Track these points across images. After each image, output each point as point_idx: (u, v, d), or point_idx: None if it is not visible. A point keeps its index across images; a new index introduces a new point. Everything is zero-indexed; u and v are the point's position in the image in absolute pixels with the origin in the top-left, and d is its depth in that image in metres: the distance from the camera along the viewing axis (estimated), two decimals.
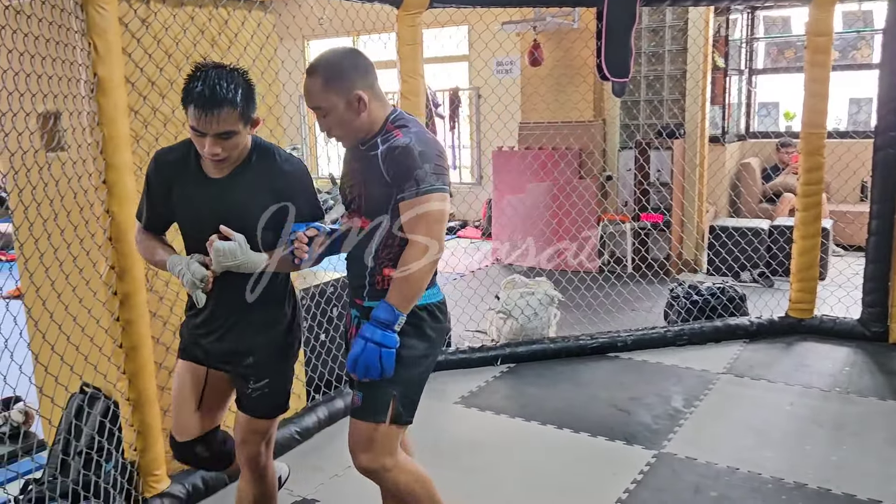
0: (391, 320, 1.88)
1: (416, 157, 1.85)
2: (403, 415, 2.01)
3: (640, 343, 4.37)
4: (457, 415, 3.63)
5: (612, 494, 2.78)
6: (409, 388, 2.01)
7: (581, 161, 6.27)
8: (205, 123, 1.84)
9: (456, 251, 5.74)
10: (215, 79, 1.85)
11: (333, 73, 1.93)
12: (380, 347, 1.87)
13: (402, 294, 1.89)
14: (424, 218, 1.86)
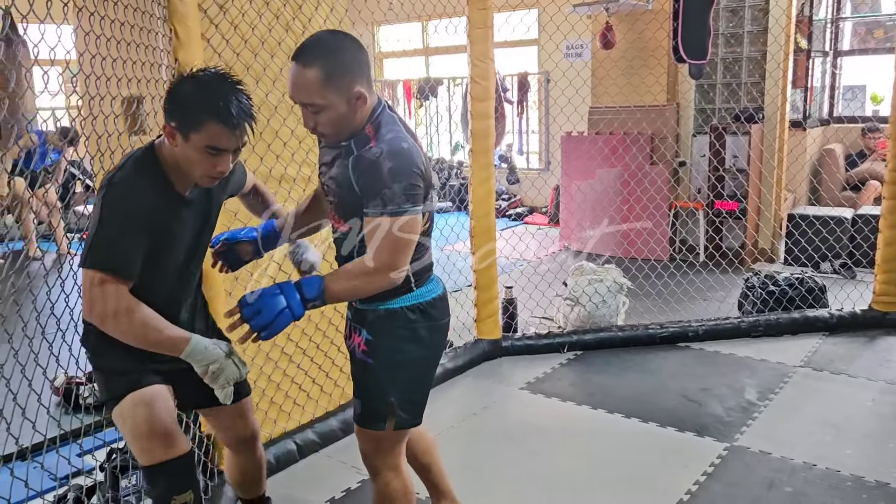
0: (311, 297, 1.72)
1: (385, 175, 1.69)
2: (407, 419, 1.94)
3: (712, 333, 4.25)
4: (522, 400, 3.62)
5: (681, 486, 2.72)
6: (409, 392, 1.94)
7: (653, 146, 6.12)
8: (232, 139, 1.71)
9: (524, 237, 5.71)
10: (231, 88, 1.72)
11: (336, 68, 1.72)
12: (286, 309, 1.70)
13: (336, 287, 1.76)
14: (385, 240, 1.71)
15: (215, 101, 1.67)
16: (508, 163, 8.85)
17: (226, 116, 1.67)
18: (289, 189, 3.01)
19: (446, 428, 3.30)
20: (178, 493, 1.85)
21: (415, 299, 1.89)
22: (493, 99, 3.98)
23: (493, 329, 4.14)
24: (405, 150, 1.73)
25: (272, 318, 1.68)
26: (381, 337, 1.89)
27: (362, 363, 1.93)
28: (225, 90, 1.71)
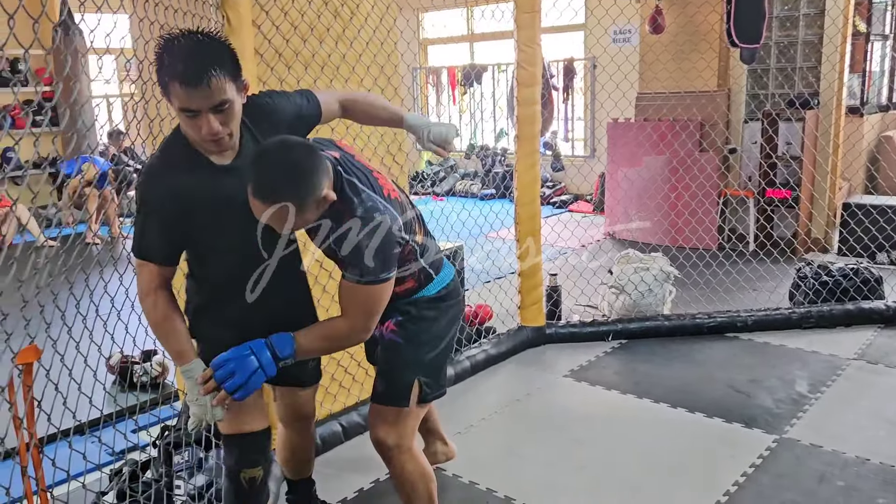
0: (284, 356, 1.78)
1: (365, 254, 1.72)
2: (430, 393, 2.05)
3: (761, 324, 4.17)
4: (566, 387, 3.60)
5: (728, 477, 2.68)
6: (433, 369, 2.05)
7: (703, 133, 6.00)
8: (198, 99, 1.60)
9: (569, 224, 5.66)
10: (193, 47, 1.62)
11: (305, 195, 1.64)
12: (258, 369, 1.75)
13: (308, 345, 1.82)
14: (361, 306, 1.80)
15: (174, 63, 1.59)
16: (553, 150, 8.78)
17: (183, 75, 1.58)
18: None
19: (489, 413, 3.31)
20: (248, 468, 1.92)
21: (438, 286, 2.03)
22: (540, 85, 3.95)
23: (536, 316, 4.13)
24: (378, 220, 1.73)
25: (245, 379, 1.73)
26: (411, 318, 2.02)
27: (391, 343, 2.03)
28: (183, 49, 1.61)
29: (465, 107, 9.88)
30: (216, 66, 1.60)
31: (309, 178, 1.64)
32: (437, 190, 9.40)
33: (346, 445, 3.02)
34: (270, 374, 1.76)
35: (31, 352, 1.49)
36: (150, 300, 1.77)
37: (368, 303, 1.79)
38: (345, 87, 3.02)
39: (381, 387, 2.06)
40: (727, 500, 2.55)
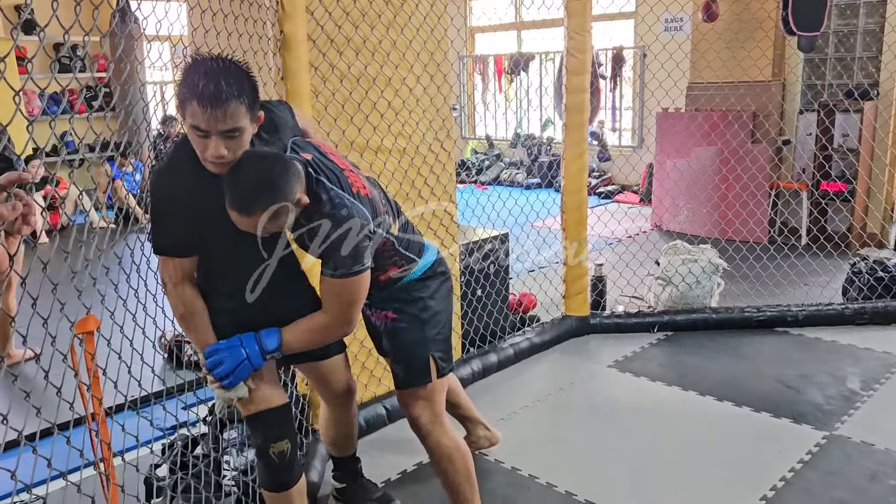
0: (270, 349, 1.89)
1: (333, 245, 1.80)
2: (445, 367, 2.17)
3: (813, 319, 4.07)
4: (610, 378, 3.58)
5: (775, 472, 2.64)
6: (440, 343, 2.16)
7: (756, 124, 5.86)
8: (211, 121, 1.63)
9: (616, 214, 5.60)
10: (217, 71, 1.65)
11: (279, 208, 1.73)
12: (245, 360, 1.87)
13: (293, 339, 1.92)
14: (337, 299, 1.87)
15: (196, 82, 1.63)
16: (600, 140, 8.68)
17: (202, 95, 1.62)
18: (384, 160, 3.07)
19: (532, 401, 3.32)
20: (275, 442, 1.99)
21: (421, 269, 2.12)
22: (589, 73, 3.91)
23: (581, 306, 4.11)
24: (345, 217, 1.80)
25: (231, 368, 1.85)
26: (406, 303, 2.13)
27: (395, 330, 2.15)
28: (209, 71, 1.64)
29: (511, 95, 9.83)
30: (236, 93, 1.64)
31: (279, 187, 1.72)
32: (481, 179, 9.39)
33: (391, 427, 3.06)
34: (257, 364, 1.88)
35: (89, 321, 1.54)
36: (174, 295, 1.89)
37: (344, 295, 1.87)
38: (394, 73, 3.04)
39: (400, 372, 2.17)
40: (774, 495, 2.51)
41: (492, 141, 9.96)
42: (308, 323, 1.93)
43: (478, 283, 3.76)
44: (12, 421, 1.15)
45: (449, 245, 3.42)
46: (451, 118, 3.40)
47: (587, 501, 2.52)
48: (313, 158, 1.88)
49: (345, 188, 1.85)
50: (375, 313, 2.19)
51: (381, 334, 2.21)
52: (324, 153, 1.94)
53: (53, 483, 1.41)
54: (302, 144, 1.95)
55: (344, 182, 1.87)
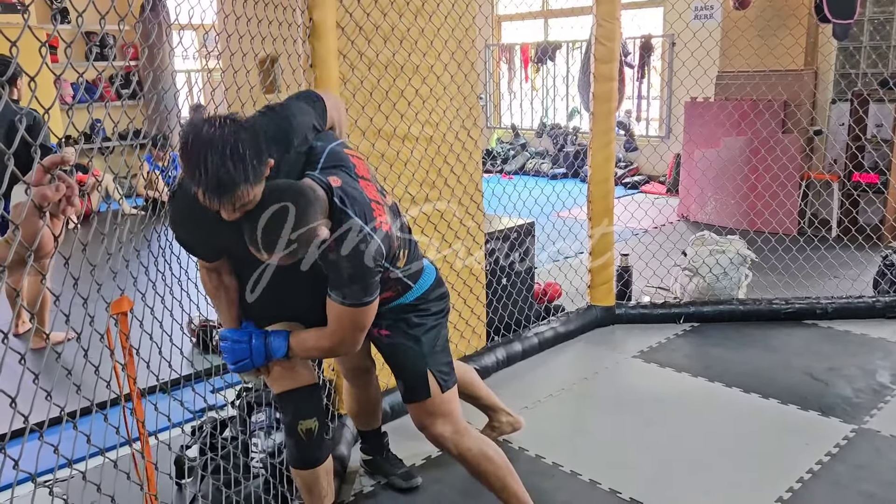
0: (277, 350, 1.95)
1: (345, 278, 1.82)
2: (447, 381, 2.14)
3: (842, 312, 4.02)
4: (635, 368, 3.57)
5: (802, 464, 2.62)
6: (438, 355, 2.14)
7: (787, 113, 5.77)
8: (221, 207, 1.64)
9: (642, 204, 5.56)
10: (219, 152, 1.56)
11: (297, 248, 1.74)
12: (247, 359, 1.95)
13: (299, 350, 1.97)
14: (344, 324, 1.89)
15: (198, 167, 1.58)
16: (627, 129, 8.61)
17: (205, 185, 1.60)
18: (411, 148, 3.08)
19: (557, 390, 3.32)
20: (304, 419, 2.05)
21: (416, 293, 2.11)
22: (617, 61, 3.88)
23: (606, 296, 4.10)
24: (362, 252, 1.80)
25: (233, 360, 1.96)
26: (398, 322, 2.12)
27: (390, 346, 2.15)
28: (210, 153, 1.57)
29: (537, 85, 9.77)
30: (242, 176, 1.59)
31: (297, 230, 1.71)
32: (506, 168, 9.36)
33: None
34: (258, 363, 1.95)
35: (123, 302, 1.57)
36: (203, 273, 2.03)
37: (352, 322, 1.89)
38: (422, 60, 3.04)
39: (401, 387, 2.18)
40: (800, 487, 2.50)
41: (517, 130, 9.92)
42: (314, 339, 1.96)
43: (503, 272, 3.76)
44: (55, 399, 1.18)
45: (475, 233, 3.43)
46: (478, 106, 3.40)
47: (611, 490, 2.52)
48: (343, 185, 1.82)
49: (369, 220, 1.82)
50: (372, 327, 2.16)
51: (376, 344, 2.23)
52: (354, 175, 1.89)
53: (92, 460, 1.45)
54: (333, 161, 1.88)
55: (369, 215, 1.83)
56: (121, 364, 1.50)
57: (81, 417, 1.49)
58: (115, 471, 1.52)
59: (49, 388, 1.10)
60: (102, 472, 1.50)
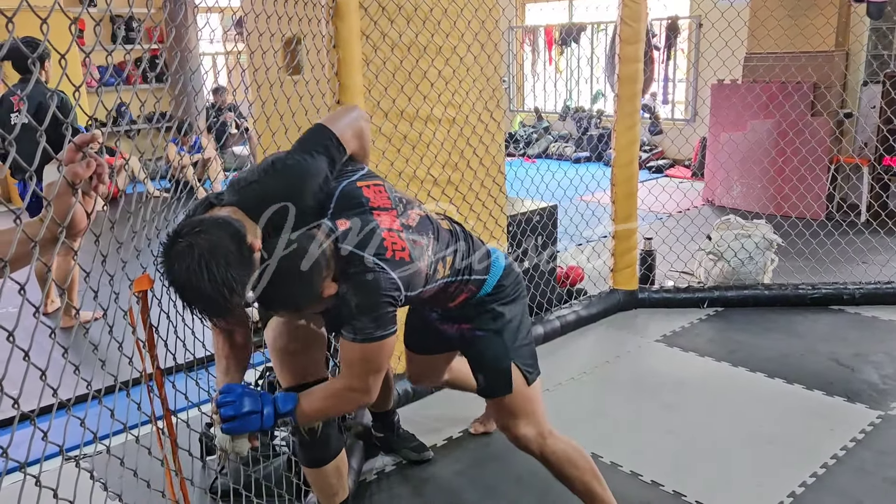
0: (284, 412, 1.73)
1: (353, 310, 1.68)
2: (530, 375, 2.04)
3: (870, 298, 3.96)
4: (657, 352, 3.55)
5: (827, 450, 2.60)
6: (522, 349, 2.04)
7: (816, 95, 5.66)
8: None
9: (667, 187, 5.50)
10: (199, 289, 1.44)
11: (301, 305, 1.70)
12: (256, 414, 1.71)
13: (308, 406, 1.75)
14: (356, 364, 1.72)
15: (184, 301, 1.51)
16: (652, 112, 8.51)
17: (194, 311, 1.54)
18: (434, 130, 3.07)
19: (578, 373, 3.32)
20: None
21: (490, 284, 2.01)
22: (643, 42, 3.83)
23: (629, 280, 4.07)
24: (369, 283, 1.66)
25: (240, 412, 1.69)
26: (480, 315, 2.03)
27: (472, 339, 2.06)
28: (191, 299, 1.49)
29: (561, 67, 9.68)
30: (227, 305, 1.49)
31: (297, 295, 1.65)
32: (529, 152, 9.31)
33: (435, 396, 3.10)
34: (267, 424, 1.72)
35: (144, 280, 1.58)
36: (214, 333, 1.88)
37: (364, 361, 1.72)
38: (445, 42, 3.02)
39: (482, 381, 2.08)
40: (824, 472, 2.47)
41: (540, 113, 9.85)
42: (325, 390, 1.79)
43: (525, 256, 3.75)
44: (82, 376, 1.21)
45: (497, 216, 3.42)
46: (501, 87, 3.38)
47: (632, 472, 2.52)
48: (350, 227, 1.70)
49: (378, 253, 1.68)
50: (448, 325, 2.13)
51: (457, 342, 2.15)
52: (369, 209, 1.75)
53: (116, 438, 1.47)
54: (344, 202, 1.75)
55: (379, 247, 1.69)
56: (142, 341, 1.52)
57: (107, 395, 1.51)
58: (137, 447, 1.55)
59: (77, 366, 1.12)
60: (125, 449, 1.53)
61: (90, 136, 0.98)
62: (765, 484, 2.43)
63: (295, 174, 1.68)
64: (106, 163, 1.00)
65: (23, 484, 1.04)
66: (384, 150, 2.92)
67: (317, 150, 1.73)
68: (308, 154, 1.71)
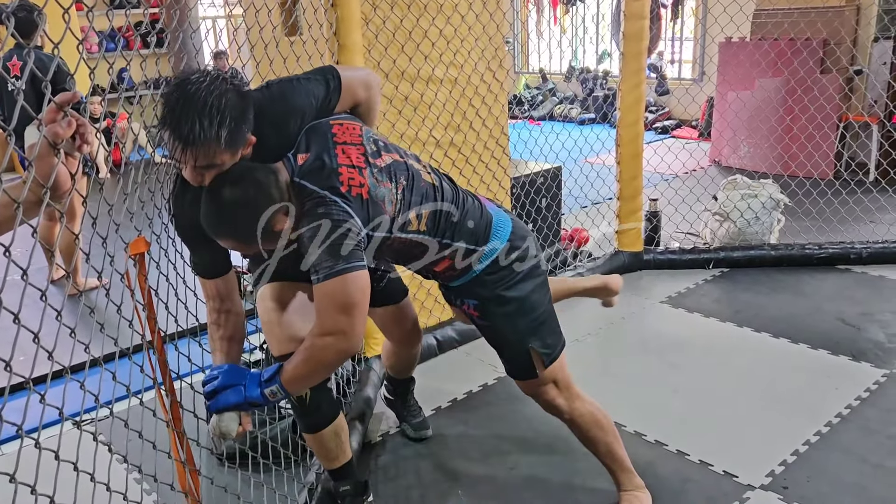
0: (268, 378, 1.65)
1: (310, 248, 1.58)
2: (553, 352, 1.96)
3: (877, 257, 3.93)
4: (663, 313, 3.55)
5: (831, 408, 2.60)
6: (538, 329, 1.94)
7: (826, 52, 5.56)
8: (184, 157, 1.50)
9: (674, 148, 5.43)
10: (197, 103, 1.47)
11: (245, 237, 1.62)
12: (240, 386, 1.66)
13: (292, 370, 1.64)
14: (327, 306, 1.58)
15: (173, 111, 1.48)
16: (659, 72, 8.39)
17: (173, 130, 1.48)
18: (436, 90, 3.03)
19: (583, 335, 3.32)
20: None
21: (488, 257, 1.88)
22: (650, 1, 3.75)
23: (634, 241, 4.05)
24: (320, 215, 1.59)
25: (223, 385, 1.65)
26: (484, 299, 1.92)
27: (484, 327, 1.98)
28: (188, 103, 1.47)
29: (566, 27, 9.53)
30: (214, 133, 1.47)
31: (246, 219, 1.58)
32: (534, 114, 9.21)
33: (441, 357, 3.11)
34: (251, 394, 1.64)
35: (140, 243, 1.56)
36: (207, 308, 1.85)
37: (330, 300, 1.58)
38: (445, 0, 2.96)
39: (505, 364, 2.04)
40: (829, 430, 2.48)
41: (545, 75, 9.72)
42: (302, 348, 1.64)
43: (529, 218, 3.73)
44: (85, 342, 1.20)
45: (500, 178, 3.39)
46: (504, 47, 3.32)
47: (636, 432, 2.53)
48: (306, 161, 1.66)
49: (333, 184, 1.62)
50: (457, 306, 2.05)
51: (476, 326, 2.04)
52: (332, 143, 1.69)
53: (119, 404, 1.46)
54: (310, 137, 1.71)
55: (334, 180, 1.63)
56: (141, 304, 1.51)
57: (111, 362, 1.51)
58: (141, 409, 1.55)
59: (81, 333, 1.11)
60: (129, 414, 1.53)
61: (70, 95, 0.95)
62: (769, 442, 2.44)
63: (285, 95, 1.70)
64: (87, 122, 0.97)
65: (20, 448, 1.03)
66: (385, 111, 2.88)
67: (315, 77, 1.78)
68: (309, 83, 1.74)
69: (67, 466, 1.10)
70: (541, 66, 9.84)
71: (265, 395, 1.65)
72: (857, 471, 2.27)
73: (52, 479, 1.05)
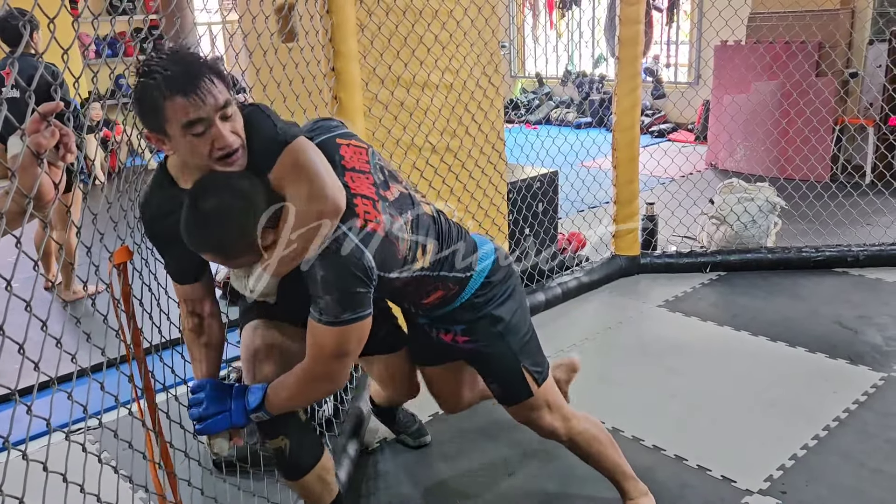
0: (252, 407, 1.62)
1: (319, 285, 1.50)
2: (543, 370, 1.94)
3: (875, 260, 3.93)
4: (660, 317, 3.54)
5: (829, 412, 2.59)
6: (527, 345, 1.93)
7: (821, 55, 5.56)
8: (202, 107, 1.39)
9: (670, 152, 5.44)
10: (178, 57, 1.42)
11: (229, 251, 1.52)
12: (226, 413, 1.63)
13: (274, 396, 1.63)
14: (321, 349, 1.55)
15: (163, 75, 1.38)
16: (654, 75, 8.39)
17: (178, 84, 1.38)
18: (431, 96, 3.02)
19: (580, 340, 3.31)
20: (270, 438, 1.78)
21: (477, 281, 1.85)
22: (644, 3, 3.75)
23: (631, 245, 4.04)
24: (335, 255, 1.49)
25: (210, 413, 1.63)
26: (473, 322, 1.88)
27: (475, 352, 1.93)
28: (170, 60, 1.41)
29: (562, 31, 9.53)
30: (208, 66, 1.42)
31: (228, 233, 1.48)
32: (529, 118, 9.21)
33: None
34: (237, 421, 1.64)
35: (123, 252, 1.54)
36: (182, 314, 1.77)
37: (328, 345, 1.55)
38: (441, 5, 2.96)
39: (498, 391, 1.98)
40: (826, 434, 2.47)
41: (541, 79, 9.72)
42: (291, 376, 1.62)
43: (525, 222, 3.72)
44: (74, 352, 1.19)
45: (497, 183, 3.38)
46: (500, 52, 3.32)
47: (634, 437, 2.52)
48: None
49: (346, 220, 1.52)
50: (442, 333, 1.94)
51: (456, 353, 1.99)
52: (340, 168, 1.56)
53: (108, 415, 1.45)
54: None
55: (349, 212, 1.52)
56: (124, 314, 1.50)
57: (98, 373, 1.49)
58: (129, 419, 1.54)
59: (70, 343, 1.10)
60: (118, 424, 1.52)
61: (54, 105, 0.94)
62: (767, 447, 2.43)
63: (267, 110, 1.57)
64: (71, 131, 0.96)
65: (6, 460, 1.02)
66: (381, 117, 2.88)
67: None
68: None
69: (57, 478, 1.09)
70: (537, 71, 9.85)
71: (251, 419, 1.65)
72: (856, 475, 2.26)
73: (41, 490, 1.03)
